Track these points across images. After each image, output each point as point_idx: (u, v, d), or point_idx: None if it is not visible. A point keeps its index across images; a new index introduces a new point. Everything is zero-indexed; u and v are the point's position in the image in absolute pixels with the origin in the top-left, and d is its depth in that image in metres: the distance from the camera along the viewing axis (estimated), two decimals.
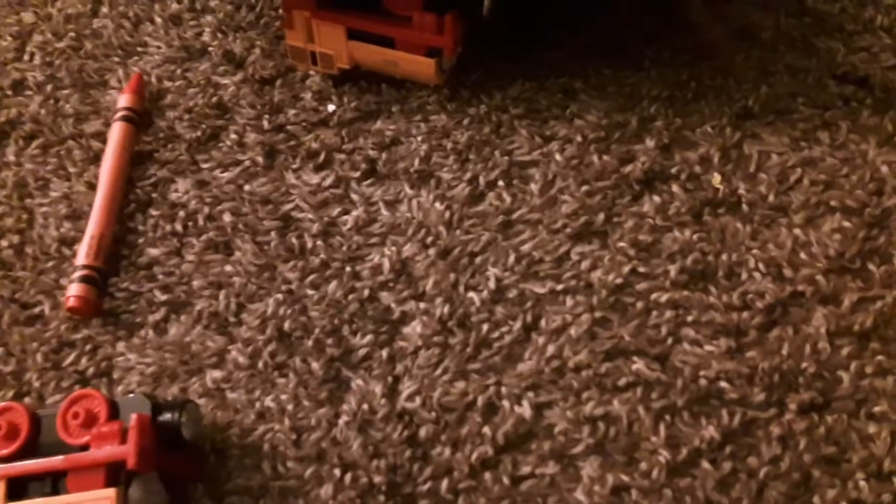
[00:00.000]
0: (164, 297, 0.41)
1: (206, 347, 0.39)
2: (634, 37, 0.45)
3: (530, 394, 0.36)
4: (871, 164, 0.40)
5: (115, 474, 0.33)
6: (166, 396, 0.38)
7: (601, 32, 0.46)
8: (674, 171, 0.41)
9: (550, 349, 0.37)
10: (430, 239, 0.41)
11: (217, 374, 0.38)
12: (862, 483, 0.33)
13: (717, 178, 0.41)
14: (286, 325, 0.39)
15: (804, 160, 0.41)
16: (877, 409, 0.34)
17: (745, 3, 0.46)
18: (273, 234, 0.42)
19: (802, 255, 0.38)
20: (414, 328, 0.39)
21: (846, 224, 0.39)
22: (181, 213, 0.43)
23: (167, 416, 0.34)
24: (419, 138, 0.44)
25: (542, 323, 0.38)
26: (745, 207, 0.40)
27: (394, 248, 0.41)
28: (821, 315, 0.37)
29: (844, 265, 0.38)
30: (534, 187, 0.42)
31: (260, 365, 0.38)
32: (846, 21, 0.45)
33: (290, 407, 0.37)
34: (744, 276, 0.38)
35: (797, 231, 0.39)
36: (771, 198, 0.40)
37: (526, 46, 0.46)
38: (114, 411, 0.34)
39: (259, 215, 0.43)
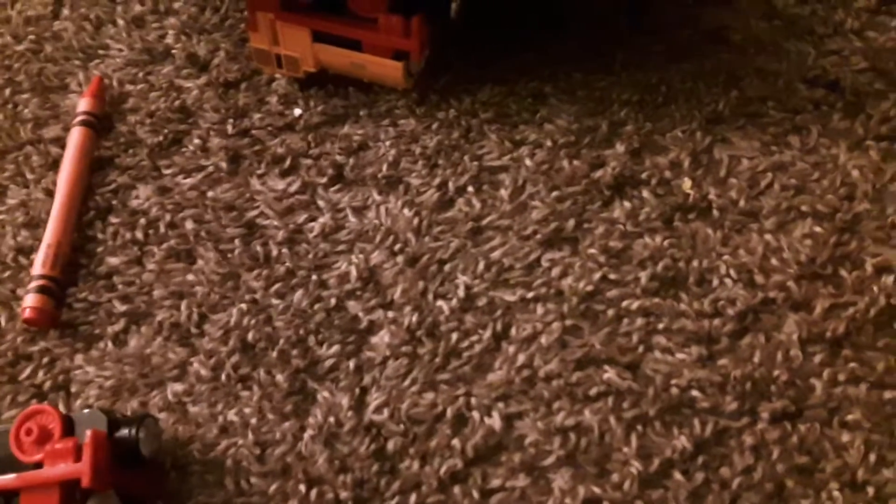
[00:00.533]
0: (123, 308, 0.39)
1: (166, 360, 0.38)
2: (605, 40, 0.45)
3: (500, 404, 0.36)
4: (842, 169, 0.40)
5: (69, 493, 0.32)
6: (126, 411, 0.37)
7: (571, 36, 0.45)
8: (644, 176, 0.41)
9: (521, 358, 0.37)
10: (398, 246, 0.40)
11: (178, 387, 0.37)
12: (836, 493, 0.32)
13: (687, 184, 0.40)
14: (250, 336, 0.38)
15: (775, 165, 0.41)
16: (850, 417, 0.34)
17: (715, 6, 0.46)
18: (237, 241, 0.41)
19: (774, 261, 0.38)
20: (382, 338, 0.38)
21: (817, 229, 0.39)
22: (142, 221, 0.42)
23: (124, 432, 0.33)
24: (387, 143, 0.43)
25: (513, 331, 0.37)
26: (715, 213, 0.40)
27: (361, 256, 0.40)
28: (792, 322, 0.36)
29: (816, 271, 0.37)
30: (504, 193, 0.41)
31: (223, 377, 0.37)
32: (816, 24, 0.44)
33: (253, 421, 0.36)
34: (715, 282, 0.38)
35: (768, 237, 0.39)
36: (742, 203, 0.40)
37: (495, 50, 0.45)
38: (68, 427, 0.33)
39: (222, 222, 0.41)
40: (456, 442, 0.35)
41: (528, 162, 0.42)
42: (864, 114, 0.42)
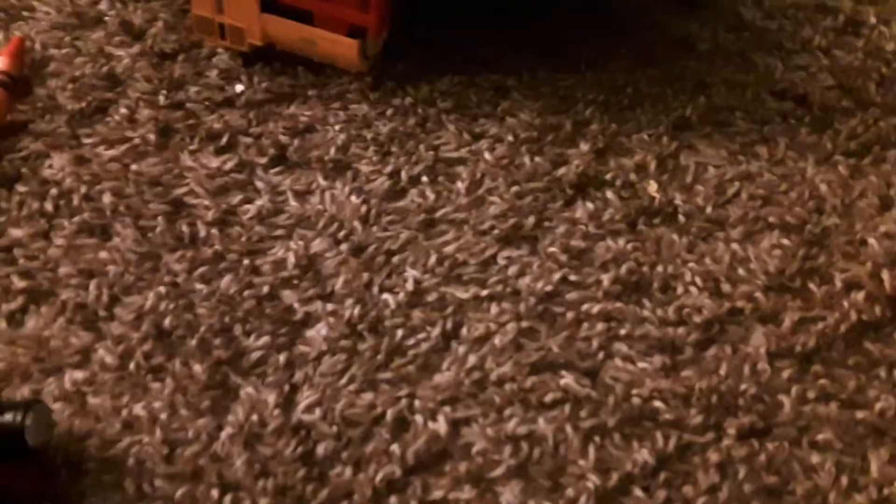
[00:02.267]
0: (23, 284, 0.35)
1: (67, 344, 0.33)
2: (571, 39, 0.43)
3: (447, 408, 0.32)
4: (810, 182, 0.39)
5: None
6: (14, 398, 0.32)
7: (537, 32, 0.43)
8: (608, 177, 0.39)
9: (471, 360, 0.33)
10: (342, 234, 0.37)
11: (78, 374, 0.32)
12: None
13: (652, 186, 0.38)
14: (167, 322, 0.34)
15: (742, 174, 0.39)
16: (820, 437, 0.32)
17: (681, 14, 0.45)
18: (160, 219, 0.37)
19: (741, 271, 0.36)
20: (318, 331, 0.34)
21: (785, 241, 0.37)
22: (53, 192, 0.37)
23: (8, 418, 0.28)
24: (337, 127, 0.40)
25: (464, 331, 0.34)
26: (681, 218, 0.37)
27: (301, 243, 0.36)
28: (760, 334, 0.34)
29: (784, 283, 0.36)
30: (460, 186, 0.38)
31: (131, 366, 0.33)
32: (784, 39, 0.44)
33: (163, 416, 0.31)
34: (680, 289, 0.35)
35: (735, 246, 0.37)
36: (708, 210, 0.38)
37: (457, 39, 0.43)
38: None
39: (145, 198, 0.37)
40: (395, 448, 0.31)
41: (487, 156, 0.39)
42: (831, 129, 0.41)
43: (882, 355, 0.34)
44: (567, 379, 0.33)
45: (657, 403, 0.32)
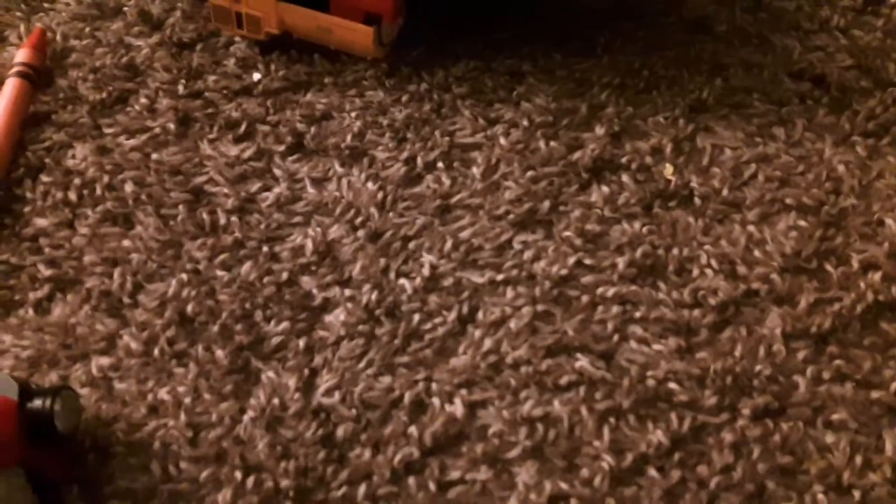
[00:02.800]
0: (49, 273, 0.36)
1: (93, 331, 0.34)
2: (586, 22, 0.43)
3: (463, 391, 0.32)
4: (828, 163, 0.39)
5: None
6: (43, 384, 0.33)
7: (552, 15, 0.43)
8: (624, 160, 0.39)
9: (487, 343, 0.34)
10: (359, 220, 0.37)
11: (104, 360, 0.33)
12: (820, 496, 0.30)
13: (668, 169, 0.38)
14: (189, 309, 0.34)
15: (759, 156, 0.39)
16: (835, 416, 0.32)
17: None
18: (181, 207, 0.37)
19: (757, 253, 0.36)
20: (337, 316, 0.34)
21: (802, 223, 0.37)
22: (77, 181, 0.38)
23: (38, 404, 0.29)
24: (353, 114, 0.40)
25: (480, 315, 0.34)
26: (697, 201, 0.37)
27: (319, 229, 0.37)
28: (776, 315, 0.34)
29: (800, 265, 0.35)
30: (476, 171, 0.38)
31: (156, 352, 0.33)
32: (802, 19, 0.43)
33: (187, 400, 0.32)
34: (695, 272, 0.35)
35: (751, 228, 0.37)
36: (724, 192, 0.38)
37: (472, 25, 0.43)
38: None
39: (166, 186, 0.38)
40: (413, 430, 0.32)
41: (502, 141, 0.39)
42: (850, 110, 0.40)
43: None
44: (582, 361, 0.33)
45: (672, 385, 0.32)
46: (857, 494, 0.30)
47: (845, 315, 0.34)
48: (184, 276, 0.35)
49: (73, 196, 0.38)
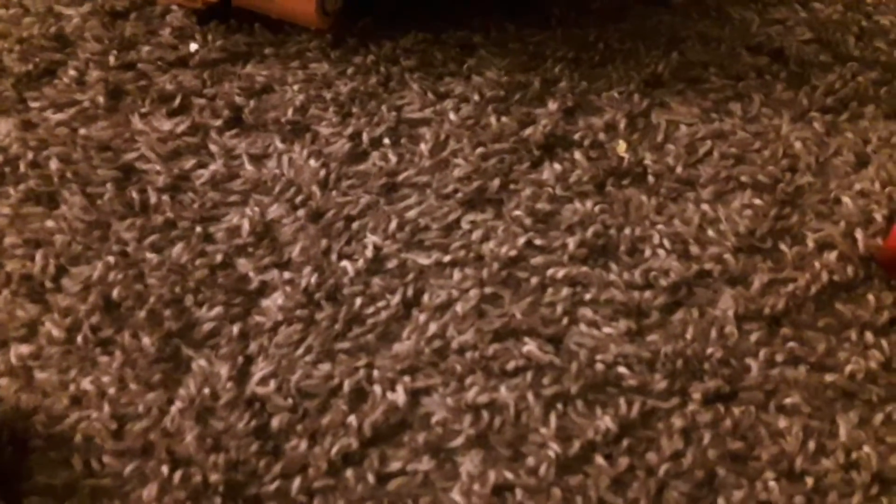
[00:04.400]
0: None
1: (13, 317, 0.32)
2: None
3: (406, 378, 0.31)
4: (785, 140, 0.38)
5: None
6: None
7: None
8: (577, 137, 0.37)
9: (432, 328, 0.32)
10: (300, 199, 0.35)
11: (24, 348, 0.31)
12: (772, 483, 0.29)
13: (622, 146, 0.37)
14: (115, 294, 0.32)
15: (714, 132, 0.38)
16: (787, 400, 0.31)
17: None
18: (109, 185, 0.35)
19: (710, 233, 0.35)
20: (274, 300, 0.33)
21: (757, 201, 0.36)
22: None
23: None
24: (295, 87, 0.38)
25: (425, 298, 0.33)
26: (651, 179, 0.36)
27: (257, 209, 0.35)
28: (728, 297, 0.33)
29: (754, 244, 0.34)
30: (424, 148, 0.37)
31: (79, 340, 0.32)
32: None
33: (112, 391, 0.30)
34: (647, 252, 0.34)
35: (705, 206, 0.35)
36: (679, 170, 0.36)
37: None
38: None
39: (94, 163, 0.36)
40: (352, 419, 0.30)
41: (452, 116, 0.38)
42: (808, 85, 0.39)
43: (854, 316, 0.33)
44: (530, 346, 0.32)
45: (621, 369, 0.31)
46: (809, 481, 0.29)
47: (799, 296, 0.33)
48: (110, 259, 0.33)
49: None
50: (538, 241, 0.34)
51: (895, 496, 0.29)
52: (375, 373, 0.31)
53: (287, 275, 0.33)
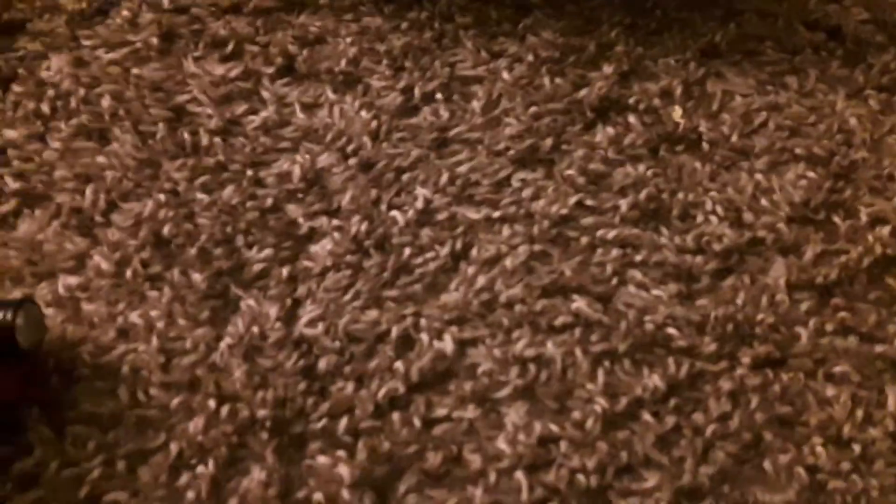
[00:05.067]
0: (16, 186, 0.33)
1: (62, 249, 0.32)
2: None
3: (453, 328, 0.31)
4: (840, 115, 0.37)
5: None
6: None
7: None
8: (631, 101, 0.37)
9: (480, 280, 0.32)
10: (351, 149, 0.35)
11: (73, 280, 0.31)
12: (819, 448, 0.29)
13: (677, 112, 0.37)
14: (166, 230, 0.32)
15: (770, 104, 0.37)
16: (837, 369, 0.31)
17: None
18: (161, 125, 0.35)
19: (763, 202, 0.34)
20: (323, 246, 0.33)
21: (811, 174, 0.35)
22: (50, 93, 0.36)
23: None
24: (348, 39, 0.38)
25: (474, 252, 0.33)
26: (705, 146, 0.36)
27: (307, 156, 0.35)
28: (781, 265, 0.33)
29: (808, 215, 0.34)
30: (476, 105, 0.37)
31: (128, 274, 0.31)
32: None
33: (160, 325, 0.30)
34: (700, 218, 0.34)
35: (759, 176, 0.35)
36: (733, 139, 0.36)
37: None
38: None
39: (146, 103, 0.36)
40: (399, 365, 0.30)
41: (505, 75, 0.37)
42: (864, 63, 0.39)
43: None
44: (578, 303, 0.32)
45: (670, 330, 0.31)
46: (856, 448, 0.29)
47: (851, 268, 0.33)
48: (161, 197, 0.33)
49: (45, 108, 0.35)
50: (589, 202, 0.34)
51: None
52: (423, 321, 0.31)
53: (336, 222, 0.33)
